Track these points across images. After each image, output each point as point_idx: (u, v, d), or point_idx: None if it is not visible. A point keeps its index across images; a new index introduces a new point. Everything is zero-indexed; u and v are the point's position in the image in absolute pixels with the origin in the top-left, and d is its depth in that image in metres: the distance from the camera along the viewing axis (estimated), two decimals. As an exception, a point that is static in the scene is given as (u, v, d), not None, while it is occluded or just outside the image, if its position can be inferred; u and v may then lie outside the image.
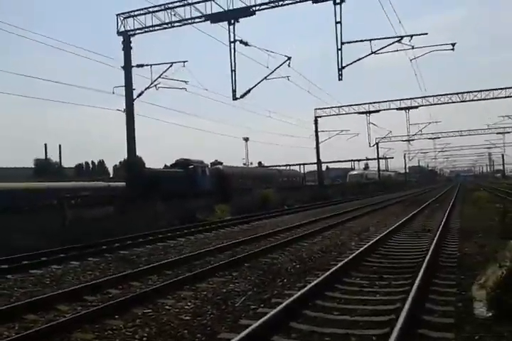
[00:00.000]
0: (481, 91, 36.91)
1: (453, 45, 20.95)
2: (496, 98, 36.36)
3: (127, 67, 20.73)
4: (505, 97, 36.08)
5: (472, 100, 37.39)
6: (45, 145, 51.40)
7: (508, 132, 52.82)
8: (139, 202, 17.94)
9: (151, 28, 20.53)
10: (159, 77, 21.38)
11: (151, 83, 21.49)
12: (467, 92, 37.47)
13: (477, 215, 16.82)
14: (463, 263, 8.23)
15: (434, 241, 10.16)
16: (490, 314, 4.98)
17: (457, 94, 37.81)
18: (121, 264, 9.75)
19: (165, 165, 27.48)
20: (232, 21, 18.75)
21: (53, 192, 19.52)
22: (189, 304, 6.31)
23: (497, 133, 55.49)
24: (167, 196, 19.68)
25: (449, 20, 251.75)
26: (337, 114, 41.67)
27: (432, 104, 38.85)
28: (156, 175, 22.22)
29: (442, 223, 13.86)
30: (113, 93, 21.61)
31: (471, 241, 10.65)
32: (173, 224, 17.40)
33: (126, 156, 22.04)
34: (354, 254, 8.99)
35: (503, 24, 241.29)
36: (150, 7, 20.02)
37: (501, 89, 36.18)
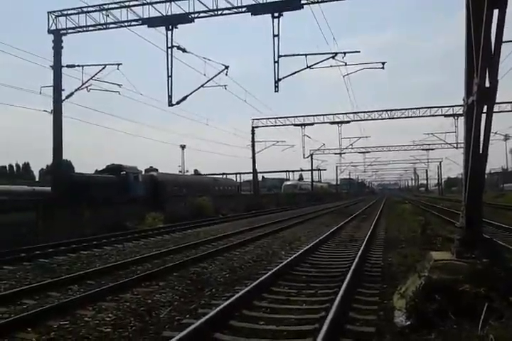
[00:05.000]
0: (408, 109, 39.13)
1: (383, 63, 22.04)
2: (421, 116, 38.71)
3: (57, 67, 19.78)
4: (430, 116, 38.54)
5: (400, 117, 39.49)
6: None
7: (432, 149, 56.28)
8: (65, 209, 17.04)
9: (84, 28, 19.72)
10: (91, 78, 20.63)
11: (82, 84, 20.70)
12: (395, 110, 39.58)
13: (401, 227, 17.61)
14: (386, 273, 8.52)
15: (360, 250, 10.50)
16: (408, 323, 5.14)
17: (386, 111, 39.78)
18: (39, 273, 9.17)
19: (96, 171, 26.44)
20: (170, 27, 18.48)
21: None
22: (110, 316, 6.00)
23: (422, 150, 59.05)
24: (96, 202, 18.87)
25: (382, 39, 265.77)
26: (273, 125, 42.34)
27: (362, 120, 40.61)
28: (85, 181, 21.27)
29: (369, 233, 14.38)
30: (40, 93, 20.62)
31: (395, 252, 11.07)
32: (100, 231, 16.66)
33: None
34: (284, 263, 9.08)
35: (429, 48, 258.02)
36: (84, 7, 19.28)
37: (427, 108, 38.64)
